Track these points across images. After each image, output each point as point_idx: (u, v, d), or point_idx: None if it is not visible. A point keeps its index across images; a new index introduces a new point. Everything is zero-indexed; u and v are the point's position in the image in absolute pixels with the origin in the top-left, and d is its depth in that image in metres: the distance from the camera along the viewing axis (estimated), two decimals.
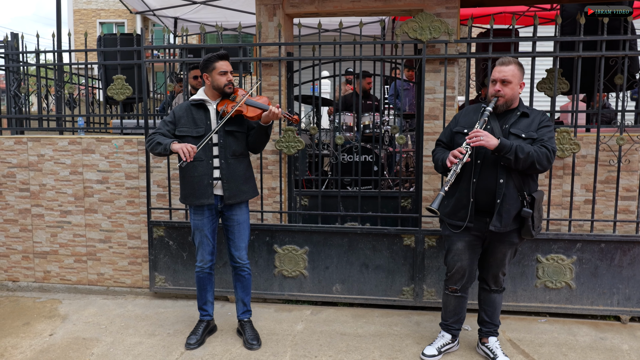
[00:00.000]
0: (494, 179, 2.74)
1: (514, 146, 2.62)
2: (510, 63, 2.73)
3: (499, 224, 2.75)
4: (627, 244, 3.50)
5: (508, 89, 2.73)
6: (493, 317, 3.07)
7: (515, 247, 2.91)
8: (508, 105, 2.79)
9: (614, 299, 3.56)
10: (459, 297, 3.05)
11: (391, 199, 4.44)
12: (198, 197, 3.14)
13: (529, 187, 2.78)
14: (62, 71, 4.83)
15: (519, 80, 2.75)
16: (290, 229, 3.85)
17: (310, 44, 3.78)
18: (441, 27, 3.53)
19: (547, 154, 2.65)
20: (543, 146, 2.67)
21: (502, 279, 3.00)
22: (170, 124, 3.14)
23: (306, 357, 3.16)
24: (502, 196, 2.72)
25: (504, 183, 2.71)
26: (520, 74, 2.76)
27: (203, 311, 3.40)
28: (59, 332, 3.56)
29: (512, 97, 2.76)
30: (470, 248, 2.92)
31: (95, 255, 4.24)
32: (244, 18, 6.94)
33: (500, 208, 2.73)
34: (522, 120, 2.78)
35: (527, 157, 2.61)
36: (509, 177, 2.72)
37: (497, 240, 2.86)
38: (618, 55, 3.54)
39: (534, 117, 2.78)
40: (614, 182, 3.61)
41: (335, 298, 3.88)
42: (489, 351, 3.04)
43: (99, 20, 22.39)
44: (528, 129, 2.74)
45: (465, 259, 2.94)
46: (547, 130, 2.74)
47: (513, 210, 2.74)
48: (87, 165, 4.17)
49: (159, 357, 3.19)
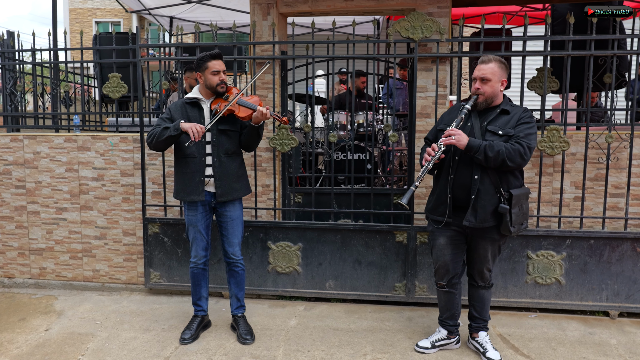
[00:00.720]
0: (469, 175, 2.79)
1: (482, 146, 2.67)
2: (490, 61, 2.77)
3: (473, 220, 2.80)
4: (615, 241, 3.56)
5: (487, 86, 2.77)
6: (482, 312, 3.11)
7: (497, 243, 2.92)
8: (489, 102, 2.82)
9: (602, 294, 3.62)
10: (447, 292, 3.09)
11: (384, 196, 4.49)
12: (189, 193, 3.18)
13: (508, 184, 2.79)
14: (57, 69, 4.86)
15: (499, 78, 2.78)
16: (284, 225, 3.89)
17: (304, 42, 3.82)
18: (433, 26, 3.58)
19: (520, 150, 2.66)
20: (517, 142, 2.68)
21: (488, 274, 3.03)
22: (168, 120, 3.17)
23: (299, 352, 3.20)
24: (477, 192, 2.77)
25: (478, 179, 2.76)
26: (501, 72, 2.78)
27: (197, 307, 3.44)
28: (54, 328, 3.59)
29: (491, 95, 2.79)
30: (452, 243, 2.97)
31: (90, 252, 4.26)
32: (238, 17, 6.98)
33: (475, 204, 2.78)
34: (501, 117, 2.80)
35: (497, 155, 2.65)
36: (485, 173, 2.76)
37: (478, 236, 2.90)
38: (607, 54, 3.60)
39: (514, 114, 2.79)
40: (603, 180, 3.67)
41: (328, 294, 3.92)
42: (479, 345, 3.09)
43: (95, 20, 22.39)
44: (505, 126, 2.76)
45: (448, 253, 2.98)
46: (526, 127, 2.74)
47: (489, 206, 2.77)
48: (82, 163, 4.20)
49: (154, 351, 3.23)
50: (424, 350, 3.14)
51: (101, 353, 3.22)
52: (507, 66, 2.83)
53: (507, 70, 2.82)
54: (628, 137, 3.58)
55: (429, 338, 3.21)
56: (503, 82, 2.80)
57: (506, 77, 2.82)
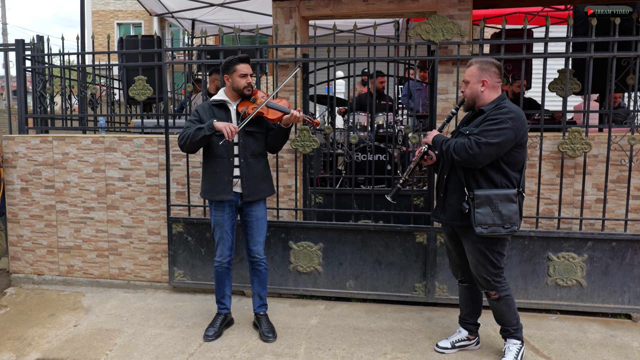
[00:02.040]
0: (444, 174, 2.97)
1: (439, 142, 2.87)
2: (471, 64, 2.89)
3: (443, 217, 2.96)
4: (638, 243, 3.54)
5: (467, 88, 2.88)
6: (502, 320, 3.02)
7: (478, 246, 2.85)
8: (470, 104, 2.90)
9: (625, 297, 3.60)
10: (467, 287, 3.12)
11: (404, 197, 4.52)
12: (218, 193, 3.26)
13: (477, 184, 2.80)
14: (85, 72, 4.99)
15: (477, 79, 2.83)
16: (305, 225, 3.95)
17: (325, 45, 3.88)
18: (454, 28, 3.60)
19: (467, 144, 2.71)
20: (468, 137, 2.74)
21: (487, 283, 2.91)
22: (197, 122, 3.24)
23: (320, 350, 3.26)
24: (445, 190, 2.93)
25: (446, 178, 2.93)
26: (479, 72, 2.83)
27: (221, 304, 3.52)
28: (82, 323, 3.70)
29: (471, 96, 2.88)
30: (453, 240, 3.07)
31: (116, 250, 4.38)
32: (260, 20, 7.06)
33: (444, 202, 2.94)
34: (477, 117, 2.86)
35: (447, 150, 2.80)
36: (453, 172, 2.89)
37: (462, 236, 2.95)
38: (630, 56, 3.58)
39: (487, 113, 2.79)
40: (625, 182, 3.65)
41: (348, 294, 3.97)
42: (503, 349, 3.05)
43: (117, 22, 22.75)
44: (473, 125, 2.81)
45: (452, 249, 3.10)
46: (487, 123, 2.73)
47: (456, 205, 2.87)
48: (109, 163, 4.32)
49: (179, 347, 3.32)
50: (443, 351, 3.17)
51: (128, 348, 3.32)
52: (491, 66, 2.84)
53: (489, 70, 2.83)
54: None
55: (449, 338, 3.23)
56: (484, 82, 2.82)
57: (488, 76, 2.82)
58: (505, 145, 2.70)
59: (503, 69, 3.51)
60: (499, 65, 2.88)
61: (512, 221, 2.76)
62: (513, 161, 2.78)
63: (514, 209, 2.76)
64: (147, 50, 4.16)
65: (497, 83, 2.86)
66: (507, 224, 2.76)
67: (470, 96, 2.88)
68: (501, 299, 2.94)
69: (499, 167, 2.77)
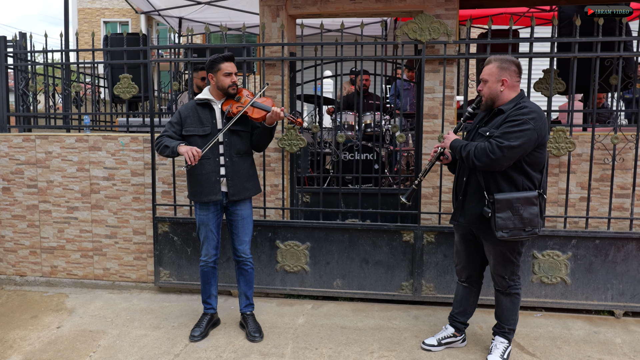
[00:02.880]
0: (462, 177, 2.92)
1: (459, 147, 2.78)
2: (489, 62, 2.80)
3: (462, 220, 2.91)
4: (621, 241, 3.58)
5: (486, 87, 2.80)
6: (501, 317, 3.04)
7: (498, 248, 2.84)
8: (489, 103, 2.81)
9: (608, 294, 3.64)
10: (466, 287, 3.14)
11: (391, 196, 4.53)
12: (207, 194, 3.24)
13: (498, 186, 2.74)
14: (69, 70, 4.93)
15: (496, 78, 2.75)
16: (292, 225, 3.94)
17: (313, 44, 3.87)
18: (440, 28, 3.62)
19: (488, 148, 2.64)
20: (488, 141, 2.67)
21: (502, 281, 2.93)
22: (177, 124, 3.24)
23: (307, 350, 3.25)
24: (464, 193, 2.88)
25: (466, 181, 2.87)
26: (499, 72, 2.74)
27: (207, 304, 3.49)
28: (66, 325, 3.65)
29: (490, 96, 2.79)
30: (466, 241, 3.03)
31: (101, 250, 4.33)
32: (247, 18, 7.04)
33: (463, 205, 2.89)
34: (496, 117, 2.78)
35: (467, 156, 2.73)
36: (472, 175, 2.84)
37: (483, 237, 2.90)
38: (613, 56, 3.62)
39: (507, 113, 2.73)
40: (608, 180, 3.70)
41: (335, 293, 3.96)
42: (491, 345, 3.07)
43: (104, 20, 22.52)
44: (493, 126, 2.75)
45: (462, 250, 3.06)
46: (508, 125, 2.66)
47: (477, 209, 2.81)
48: (93, 163, 4.26)
49: (164, 348, 3.28)
50: (430, 348, 3.18)
51: (112, 350, 3.28)
52: (511, 65, 2.76)
53: (509, 69, 2.75)
54: (633, 139, 3.61)
55: (435, 336, 3.24)
56: (504, 82, 2.75)
57: (508, 76, 2.75)
58: (527, 147, 2.64)
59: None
60: (518, 64, 2.79)
61: (533, 224, 2.72)
62: (535, 161, 2.72)
63: (535, 211, 2.71)
64: (133, 48, 4.11)
65: (516, 82, 2.78)
66: (528, 227, 2.72)
67: (488, 96, 2.80)
68: (511, 295, 2.96)
69: (521, 168, 2.71)
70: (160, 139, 3.23)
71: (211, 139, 3.14)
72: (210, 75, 3.22)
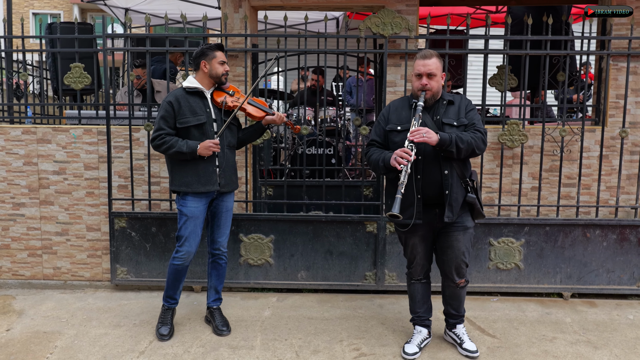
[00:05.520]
0: (438, 171, 2.80)
1: (453, 138, 2.70)
2: (432, 56, 2.79)
3: (451, 215, 2.82)
4: (568, 227, 3.83)
5: (434, 82, 2.80)
6: (459, 308, 3.10)
7: (469, 232, 2.92)
8: (435, 98, 2.87)
9: (557, 277, 3.88)
10: (425, 283, 3.12)
11: (354, 188, 4.59)
12: (204, 184, 3.16)
13: (468, 172, 2.88)
14: (11, 59, 4.63)
15: (441, 72, 2.85)
16: (256, 218, 3.91)
17: (276, 36, 3.86)
18: (402, 23, 3.71)
19: (482, 137, 2.77)
20: (477, 130, 2.78)
21: (465, 270, 3.00)
22: (170, 118, 3.11)
23: (277, 341, 3.24)
24: (450, 187, 2.79)
25: (449, 174, 2.79)
26: (442, 66, 2.86)
27: (172, 300, 3.37)
28: (16, 327, 3.44)
29: (438, 90, 2.84)
30: (424, 241, 2.98)
31: (51, 248, 4.10)
32: (197, 10, 6.86)
33: (449, 199, 2.80)
34: (449, 108, 2.86)
35: (467, 146, 2.71)
36: (452, 167, 2.81)
37: (450, 228, 2.90)
38: (561, 54, 3.86)
39: (459, 103, 2.86)
40: (557, 171, 3.93)
41: (300, 285, 3.97)
42: (456, 337, 3.11)
43: (32, 11, 21.23)
44: (457, 116, 2.84)
45: (422, 250, 3.00)
46: (474, 113, 2.84)
47: (460, 198, 2.83)
48: (42, 156, 4.03)
49: (127, 346, 3.17)
50: (414, 357, 3.01)
51: (71, 350, 3.13)
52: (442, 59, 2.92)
53: (443, 64, 2.92)
54: (579, 131, 3.86)
55: (412, 342, 3.09)
56: (443, 76, 2.88)
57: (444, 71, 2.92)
58: None
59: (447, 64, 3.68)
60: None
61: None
62: None
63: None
64: (86, 36, 3.94)
65: None
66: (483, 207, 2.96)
67: (436, 90, 2.84)
68: (467, 284, 3.06)
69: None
70: (162, 139, 3.09)
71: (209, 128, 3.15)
72: (203, 62, 3.14)
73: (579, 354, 3.10)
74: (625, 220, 3.82)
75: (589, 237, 3.83)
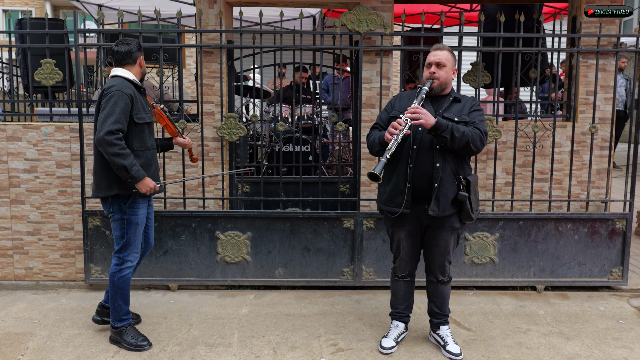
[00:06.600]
0: (430, 163, 2.77)
1: (450, 125, 2.68)
2: (444, 49, 2.86)
3: (436, 209, 2.78)
4: (541, 221, 3.90)
5: (442, 71, 2.81)
6: (443, 307, 3.09)
7: (457, 232, 2.92)
8: (442, 88, 2.85)
9: (530, 271, 3.95)
10: (409, 281, 3.12)
11: (330, 184, 4.60)
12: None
13: (464, 171, 2.85)
14: None
15: (452, 66, 2.86)
16: (233, 215, 3.88)
17: (251, 32, 3.84)
18: (377, 20, 3.73)
19: (480, 135, 2.74)
20: (476, 128, 2.77)
21: (449, 267, 3.02)
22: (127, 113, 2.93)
23: (254, 338, 3.23)
24: (439, 180, 2.76)
25: (440, 167, 2.76)
26: (453, 61, 2.88)
27: (129, 313, 3.17)
28: None
29: (445, 81, 2.84)
30: (411, 236, 2.97)
31: (22, 248, 4.01)
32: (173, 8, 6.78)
33: (437, 192, 2.77)
34: (454, 105, 2.89)
35: (462, 136, 2.67)
36: (445, 160, 2.77)
37: (438, 227, 2.88)
38: (532, 51, 3.93)
39: (465, 102, 2.90)
40: (530, 166, 4.01)
41: (278, 282, 3.96)
42: (440, 339, 3.08)
43: (3, 7, 20.70)
44: (460, 113, 2.84)
45: (408, 246, 3.00)
46: (478, 114, 2.85)
47: (450, 194, 2.78)
48: (12, 154, 3.94)
49: (102, 346, 3.12)
50: (391, 351, 3.04)
51: (44, 351, 3.07)
52: (455, 57, 2.94)
53: (456, 61, 2.94)
54: (551, 127, 3.94)
55: (389, 336, 3.11)
56: (454, 71, 2.90)
57: (455, 66, 2.92)
58: None
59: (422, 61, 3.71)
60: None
61: (478, 203, 2.93)
62: None
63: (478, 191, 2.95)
64: (57, 32, 3.86)
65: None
66: (478, 206, 2.93)
67: (444, 80, 2.84)
68: (450, 280, 3.08)
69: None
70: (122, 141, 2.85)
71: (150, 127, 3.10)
72: (141, 58, 3.11)
73: (552, 345, 3.17)
74: (596, 214, 3.91)
75: (561, 231, 3.91)
